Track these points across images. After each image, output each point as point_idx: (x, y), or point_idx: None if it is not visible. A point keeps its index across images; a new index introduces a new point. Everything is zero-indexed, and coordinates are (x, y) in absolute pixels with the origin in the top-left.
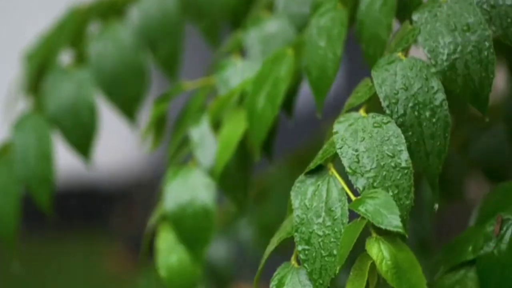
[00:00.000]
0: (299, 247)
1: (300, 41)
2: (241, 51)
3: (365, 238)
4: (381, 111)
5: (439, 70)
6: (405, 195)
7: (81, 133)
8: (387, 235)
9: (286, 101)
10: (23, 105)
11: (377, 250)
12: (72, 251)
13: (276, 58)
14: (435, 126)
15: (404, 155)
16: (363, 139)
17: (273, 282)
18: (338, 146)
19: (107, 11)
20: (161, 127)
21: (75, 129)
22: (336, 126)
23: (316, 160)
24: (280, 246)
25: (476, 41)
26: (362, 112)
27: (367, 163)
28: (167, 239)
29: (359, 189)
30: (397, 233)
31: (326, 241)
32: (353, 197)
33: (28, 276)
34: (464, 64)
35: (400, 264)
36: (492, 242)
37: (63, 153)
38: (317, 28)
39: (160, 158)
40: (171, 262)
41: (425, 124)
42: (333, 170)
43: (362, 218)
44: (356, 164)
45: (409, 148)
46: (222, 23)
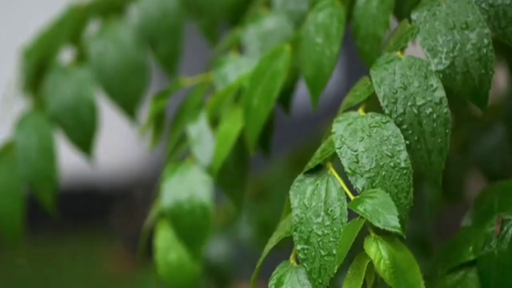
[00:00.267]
0: (298, 247)
1: (297, 38)
2: (239, 48)
3: (364, 238)
4: (380, 110)
5: (438, 68)
6: (404, 195)
7: (82, 131)
8: (385, 235)
9: (284, 97)
10: (21, 103)
11: (375, 249)
12: (72, 251)
13: (274, 55)
14: (435, 123)
15: (403, 155)
16: (362, 139)
17: (272, 281)
18: (337, 146)
19: (106, 9)
20: (160, 123)
21: (76, 127)
22: (335, 125)
23: (315, 160)
24: (278, 244)
25: (475, 39)
26: (361, 111)
27: (366, 163)
28: (165, 237)
29: (358, 189)
30: (395, 233)
31: (325, 241)
32: (352, 197)
33: (28, 276)
34: (464, 62)
35: (398, 264)
36: (493, 243)
37: (63, 153)
38: (314, 24)
39: (160, 157)
40: (170, 260)
41: (425, 122)
42: (332, 170)
43: (361, 217)
44: (355, 164)
45: (409, 147)
46: (222, 21)
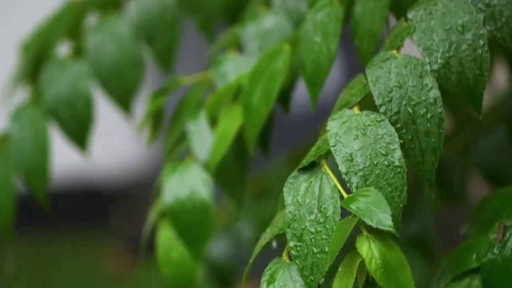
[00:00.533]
0: (291, 243)
1: (296, 37)
2: (238, 46)
3: (356, 236)
4: (375, 109)
5: (433, 68)
6: (398, 194)
7: (78, 125)
8: (378, 234)
9: (283, 96)
10: (20, 95)
11: (367, 248)
12: (72, 251)
13: (273, 54)
14: (430, 123)
15: (397, 154)
16: (356, 137)
17: (265, 277)
18: (332, 144)
19: (104, 3)
20: (158, 121)
21: (72, 120)
22: (330, 123)
23: (309, 157)
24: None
25: (470, 39)
26: (356, 109)
27: (361, 161)
28: (167, 236)
29: (352, 187)
30: (388, 232)
31: (318, 238)
32: (345, 195)
33: (28, 276)
34: (459, 62)
35: (389, 264)
36: (496, 249)
37: (63, 153)
38: (313, 23)
39: (160, 157)
40: (171, 259)
41: (419, 121)
42: (326, 167)
43: (354, 216)
44: (349, 162)
45: (403, 146)
46: (218, 18)
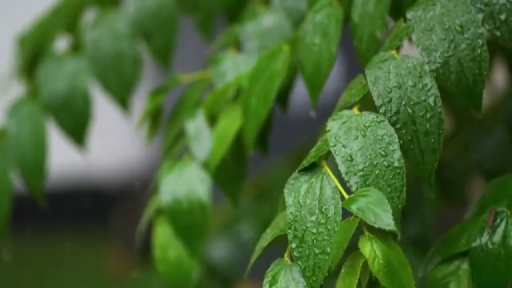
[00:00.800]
0: (293, 245)
1: (296, 38)
2: (237, 45)
3: (358, 236)
4: (374, 109)
5: (432, 67)
6: (397, 195)
7: (76, 121)
8: (379, 234)
9: (282, 96)
10: (17, 89)
11: (369, 248)
12: (72, 251)
13: (272, 54)
14: (429, 123)
15: (397, 155)
16: (356, 138)
17: (267, 278)
18: (332, 144)
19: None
20: (156, 119)
21: (69, 116)
22: (330, 124)
23: (309, 158)
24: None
25: (469, 39)
26: (355, 110)
27: (360, 161)
28: (164, 234)
29: (352, 187)
30: (389, 232)
31: (319, 239)
32: (346, 195)
33: (28, 276)
34: (458, 62)
35: (392, 263)
36: (486, 234)
37: (63, 153)
38: (313, 24)
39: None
40: (168, 257)
41: (419, 121)
42: (326, 168)
43: (355, 217)
44: (349, 162)
45: (403, 146)
46: (217, 16)
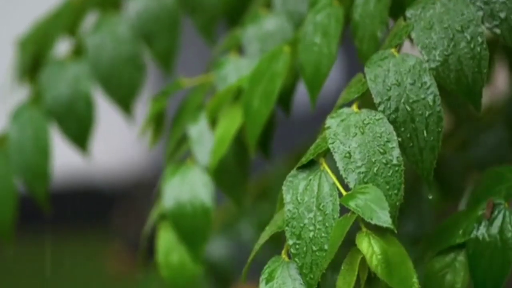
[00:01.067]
0: (290, 241)
1: (297, 38)
2: (239, 49)
3: (356, 233)
4: (373, 107)
5: (432, 66)
6: (395, 192)
7: (78, 125)
8: (377, 230)
9: (284, 98)
10: (18, 93)
11: (367, 244)
12: (72, 251)
13: (273, 56)
14: (428, 121)
15: (396, 152)
16: (355, 135)
17: (263, 275)
18: (330, 142)
19: (103, 2)
20: (160, 124)
21: (72, 121)
22: (329, 121)
23: (308, 155)
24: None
25: (469, 37)
26: (354, 107)
27: (359, 158)
28: (167, 238)
29: (350, 184)
30: (387, 228)
31: (317, 236)
32: (344, 192)
33: (28, 276)
34: (457, 60)
35: (390, 259)
36: (483, 226)
37: (63, 153)
38: (313, 24)
39: (160, 157)
40: (171, 261)
41: (418, 119)
42: (324, 165)
43: (352, 213)
44: (348, 159)
45: (402, 144)
46: (219, 20)
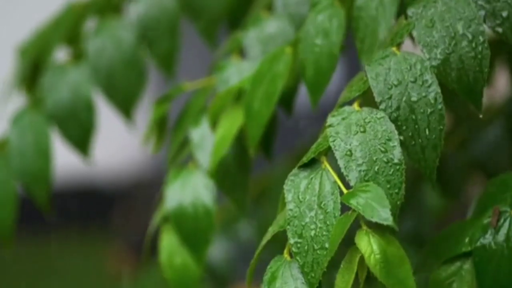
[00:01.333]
0: (292, 240)
1: (298, 39)
2: (240, 52)
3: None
4: (375, 106)
5: (433, 64)
6: (396, 191)
7: (79, 130)
8: (377, 229)
9: (286, 99)
10: (18, 100)
11: (366, 243)
12: (72, 251)
13: (274, 57)
14: (430, 119)
15: (397, 151)
16: (356, 133)
17: (266, 275)
18: (331, 140)
19: (104, 8)
20: (162, 128)
21: (73, 126)
22: (330, 119)
23: (309, 154)
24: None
25: (470, 36)
26: (356, 106)
27: (360, 157)
28: (170, 241)
29: (351, 182)
30: (387, 227)
31: (318, 234)
32: (345, 191)
33: (28, 276)
34: (459, 59)
35: (389, 258)
36: (489, 234)
37: (63, 153)
38: (314, 25)
39: (160, 157)
40: (174, 264)
41: (420, 118)
42: (326, 164)
43: (353, 211)
44: (349, 157)
45: (403, 143)
46: (220, 23)
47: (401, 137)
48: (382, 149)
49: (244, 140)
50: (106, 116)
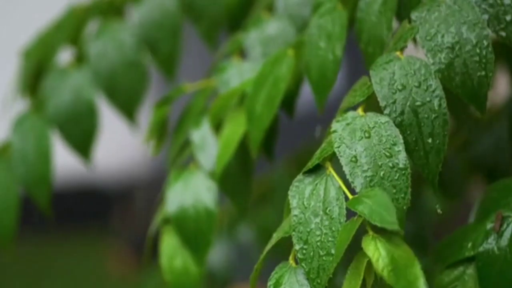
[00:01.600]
0: (297, 246)
1: (300, 42)
2: (241, 53)
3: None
4: (379, 110)
5: (437, 68)
6: (402, 196)
7: (81, 134)
8: (384, 233)
9: (287, 102)
10: (20, 103)
11: (373, 248)
12: (72, 251)
13: (277, 59)
14: (434, 124)
15: (402, 156)
16: (361, 139)
17: (271, 281)
18: (336, 145)
19: (106, 11)
20: (163, 130)
21: (75, 130)
22: (334, 125)
23: (314, 160)
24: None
25: (474, 40)
26: (360, 111)
27: (365, 162)
28: (170, 243)
29: (357, 188)
30: (393, 231)
31: (323, 240)
32: (350, 196)
33: (28, 276)
34: (463, 63)
35: (397, 261)
36: (492, 239)
37: (63, 153)
38: (317, 28)
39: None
40: (175, 266)
41: (424, 123)
42: (331, 169)
43: (359, 216)
44: (354, 163)
45: (407, 147)
46: (221, 25)
47: (405, 142)
48: (387, 154)
49: (246, 143)
50: (106, 116)
